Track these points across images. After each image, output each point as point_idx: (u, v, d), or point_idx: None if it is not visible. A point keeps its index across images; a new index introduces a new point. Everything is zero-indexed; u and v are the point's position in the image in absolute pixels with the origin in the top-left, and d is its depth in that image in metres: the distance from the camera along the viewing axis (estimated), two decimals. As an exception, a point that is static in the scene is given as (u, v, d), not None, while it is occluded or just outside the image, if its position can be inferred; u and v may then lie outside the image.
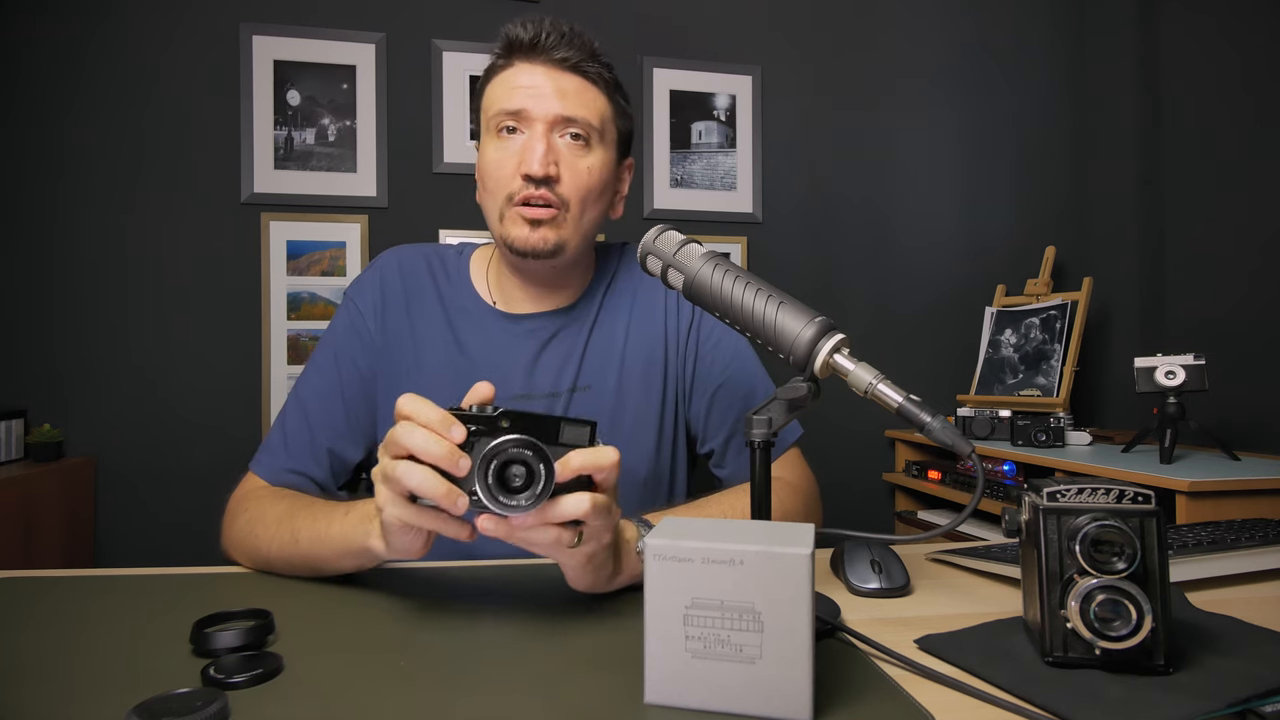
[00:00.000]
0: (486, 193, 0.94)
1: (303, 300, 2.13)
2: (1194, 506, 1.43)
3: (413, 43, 2.20)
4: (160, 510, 2.05)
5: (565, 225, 0.91)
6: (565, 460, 0.58)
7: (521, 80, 0.91)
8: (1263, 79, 1.97)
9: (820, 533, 0.58)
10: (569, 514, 0.58)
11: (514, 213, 0.91)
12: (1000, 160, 2.56)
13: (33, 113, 2.00)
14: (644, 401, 0.99)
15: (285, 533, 0.77)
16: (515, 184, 0.90)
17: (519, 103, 0.90)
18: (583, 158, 0.92)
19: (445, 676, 0.54)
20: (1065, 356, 2.19)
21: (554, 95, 0.90)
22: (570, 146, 0.91)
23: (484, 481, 0.56)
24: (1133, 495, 0.54)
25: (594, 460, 0.59)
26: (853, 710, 0.49)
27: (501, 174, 0.91)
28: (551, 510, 0.58)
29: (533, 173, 0.88)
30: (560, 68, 0.91)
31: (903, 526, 2.37)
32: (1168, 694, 0.50)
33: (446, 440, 0.57)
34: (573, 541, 0.60)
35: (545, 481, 0.56)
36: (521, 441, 0.56)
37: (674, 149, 2.36)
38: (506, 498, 0.56)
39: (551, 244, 0.91)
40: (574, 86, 0.91)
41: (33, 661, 0.56)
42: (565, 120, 0.90)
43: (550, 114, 0.89)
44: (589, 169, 0.92)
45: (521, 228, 0.90)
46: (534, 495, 0.56)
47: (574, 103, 0.91)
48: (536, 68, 0.91)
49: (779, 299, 0.68)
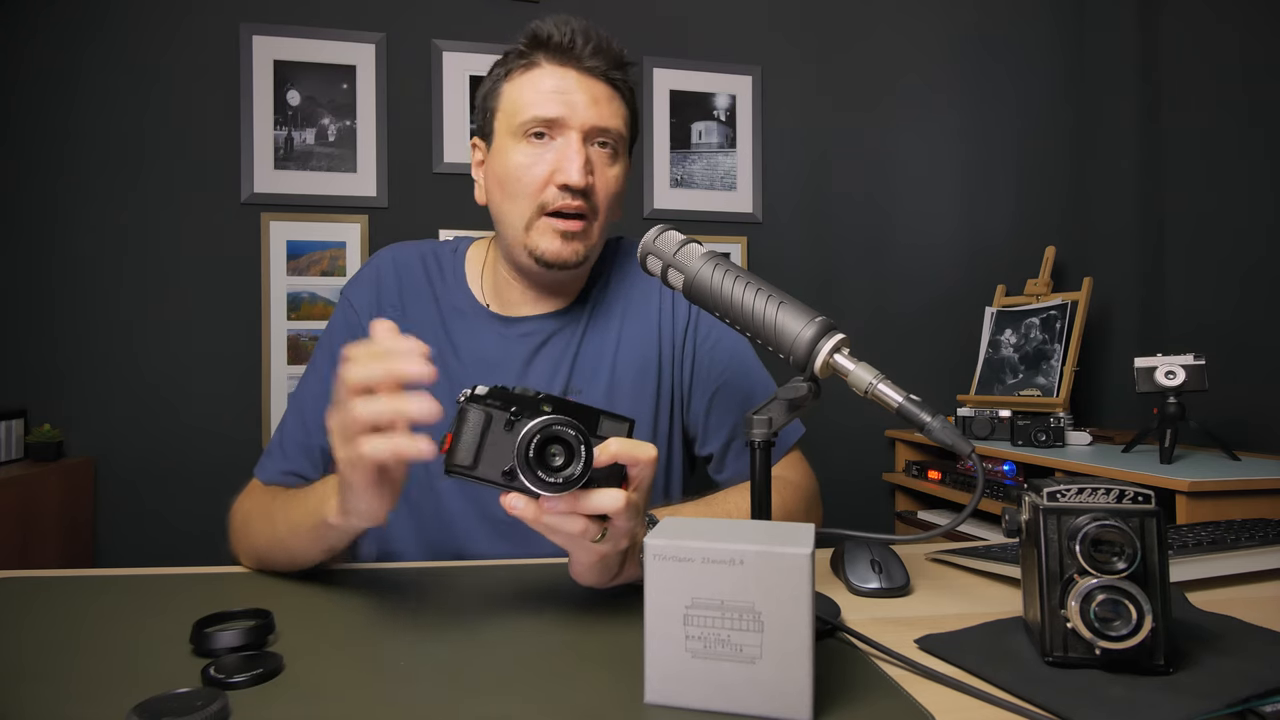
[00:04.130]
0: (509, 198, 0.91)
1: (303, 300, 2.13)
2: (1194, 506, 1.43)
3: (413, 43, 2.20)
4: (160, 510, 2.05)
5: (593, 235, 0.91)
6: (604, 445, 0.58)
7: (551, 84, 0.88)
8: (1262, 79, 1.96)
9: (820, 533, 0.58)
10: (601, 507, 0.58)
11: (545, 223, 0.89)
12: (1000, 160, 2.56)
13: (33, 112, 2.00)
14: (636, 405, 0.98)
15: (268, 525, 0.78)
16: (549, 193, 0.88)
17: (554, 110, 0.87)
18: (612, 167, 0.92)
19: (445, 676, 0.54)
20: (1065, 356, 2.19)
21: (589, 104, 0.88)
22: (600, 155, 0.90)
23: (525, 458, 0.56)
24: (1133, 495, 0.54)
25: (632, 450, 0.59)
26: (853, 710, 0.49)
27: (531, 180, 0.88)
28: (584, 501, 0.58)
29: (574, 183, 0.86)
30: (591, 75, 0.89)
31: (903, 526, 2.36)
32: (1168, 694, 0.50)
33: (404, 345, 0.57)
34: (597, 536, 0.60)
35: (585, 462, 0.56)
36: (566, 421, 0.56)
37: (674, 149, 2.36)
38: (546, 473, 0.56)
39: (581, 255, 0.91)
40: (604, 94, 0.90)
41: (33, 661, 0.56)
42: (600, 130, 0.89)
43: (587, 123, 0.88)
44: (616, 177, 0.92)
45: (553, 240, 0.89)
46: (573, 476, 0.56)
47: (606, 112, 0.90)
48: (569, 72, 0.89)
49: (779, 299, 0.68)
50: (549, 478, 0.56)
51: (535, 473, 0.56)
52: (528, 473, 0.56)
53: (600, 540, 0.60)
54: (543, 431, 0.56)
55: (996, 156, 2.56)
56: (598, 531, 0.60)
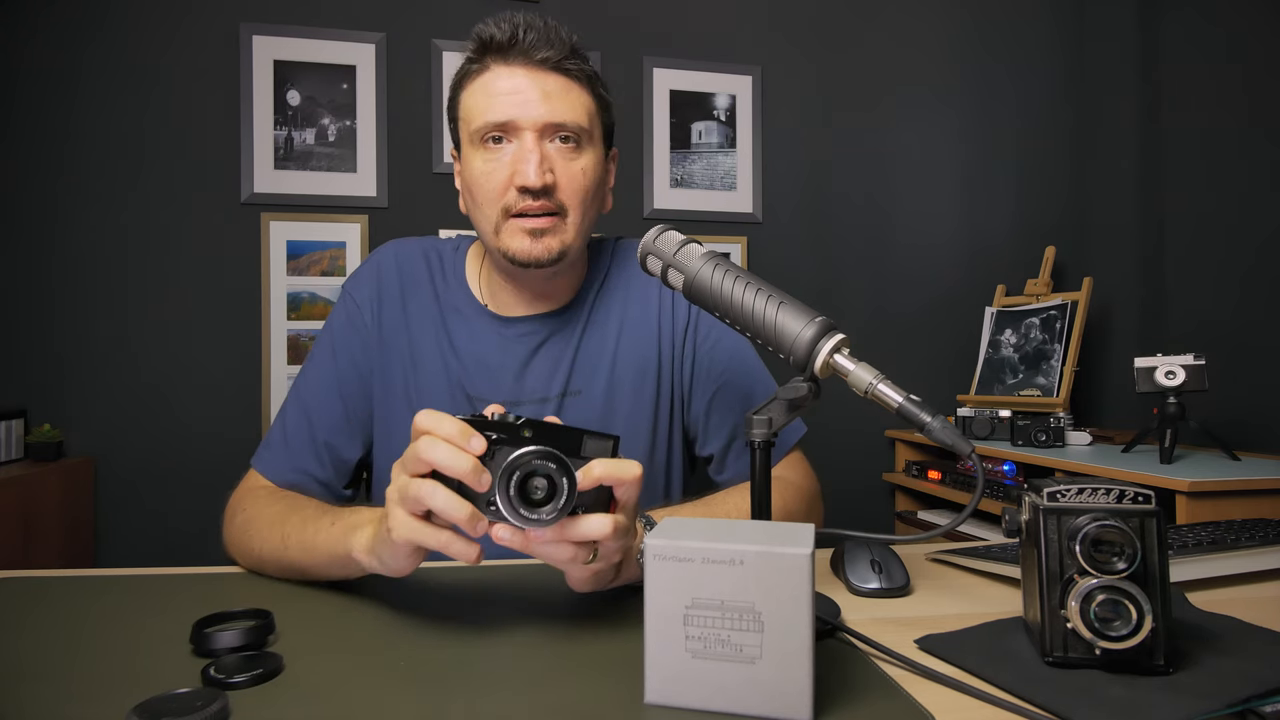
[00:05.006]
0: (477, 206, 0.90)
1: (303, 300, 2.13)
2: (1194, 506, 1.43)
3: (413, 43, 2.20)
4: (160, 510, 2.05)
5: (566, 230, 0.89)
6: (587, 469, 0.57)
7: (501, 85, 0.86)
8: (1262, 79, 1.96)
9: (820, 533, 0.58)
10: (588, 535, 0.57)
11: (512, 225, 0.88)
12: (1000, 160, 2.56)
13: (33, 112, 2.00)
14: (635, 405, 0.98)
15: (276, 537, 0.77)
16: (510, 196, 0.87)
17: (504, 112, 0.86)
18: (575, 160, 0.89)
19: (445, 677, 0.54)
20: (1065, 356, 2.19)
21: (540, 100, 0.86)
22: (561, 150, 0.88)
23: (505, 493, 0.55)
24: (1133, 495, 0.54)
25: (616, 472, 0.58)
26: (853, 710, 0.49)
27: (492, 186, 0.87)
28: (571, 529, 0.57)
29: (530, 184, 0.85)
30: (542, 68, 0.86)
31: (903, 526, 2.36)
32: (1168, 694, 0.50)
33: (469, 454, 0.56)
34: (588, 558, 0.60)
35: (568, 496, 0.55)
36: (545, 453, 0.55)
37: (674, 149, 2.36)
38: (528, 510, 0.55)
39: (555, 252, 0.89)
40: (558, 87, 0.87)
41: (33, 661, 0.56)
42: (555, 126, 0.87)
43: (540, 121, 0.86)
44: (583, 170, 0.89)
45: (522, 240, 0.88)
46: (555, 509, 0.55)
47: (561, 105, 0.87)
48: (516, 70, 0.86)
49: (779, 299, 0.68)
50: (531, 514, 0.55)
51: (518, 510, 0.55)
52: (510, 510, 0.55)
53: (592, 560, 0.60)
54: (522, 467, 0.55)
55: (996, 156, 2.56)
56: (588, 554, 0.59)
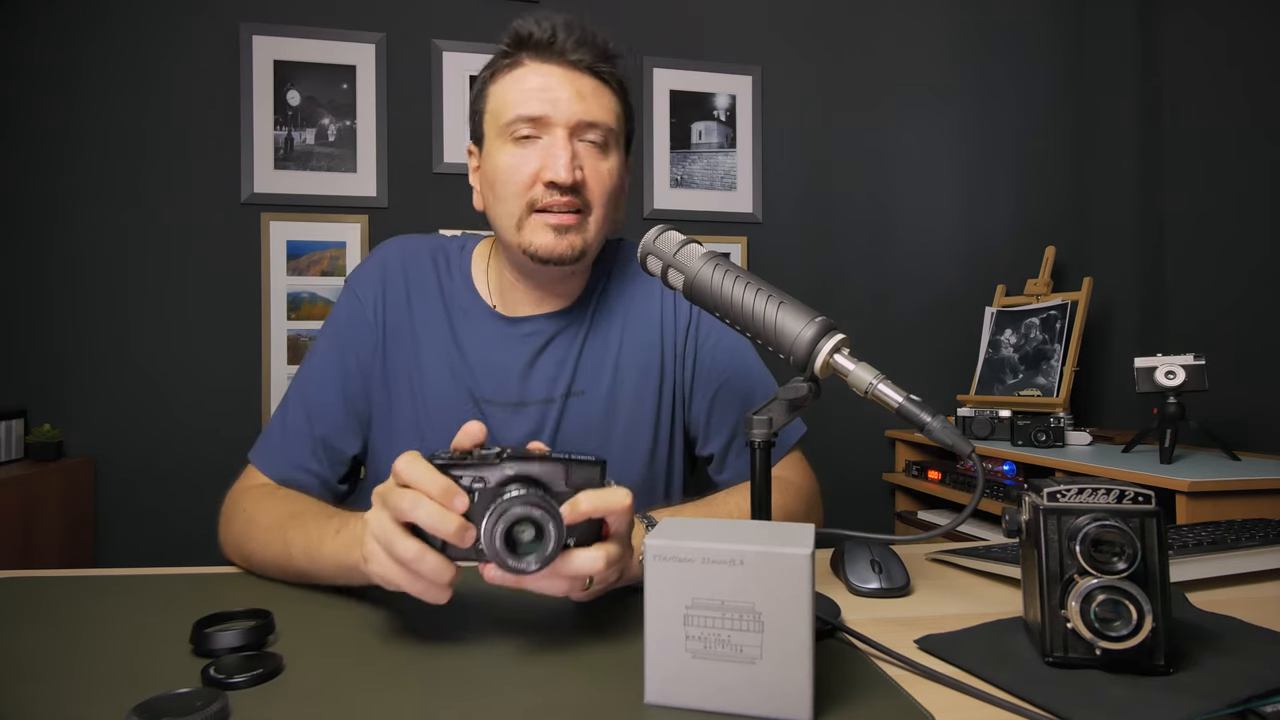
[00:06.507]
0: (498, 199, 0.90)
1: (303, 300, 2.13)
2: (1194, 506, 1.43)
3: (413, 43, 2.20)
4: (160, 510, 2.05)
5: (589, 229, 0.90)
6: (574, 502, 0.56)
7: (535, 82, 0.87)
8: (1262, 79, 1.96)
9: (820, 533, 0.58)
10: (581, 571, 0.57)
11: (536, 220, 0.88)
12: (1000, 160, 2.56)
13: (33, 112, 2.00)
14: (637, 405, 0.98)
15: (278, 541, 0.76)
16: (536, 190, 0.87)
17: (538, 108, 0.86)
18: (603, 160, 0.90)
19: (445, 677, 0.54)
20: (1065, 356, 2.19)
21: (574, 99, 0.87)
22: (589, 150, 0.89)
23: (491, 545, 0.54)
24: (1133, 495, 0.54)
25: (605, 503, 0.57)
26: (853, 710, 0.49)
27: (519, 180, 0.88)
28: (564, 566, 0.56)
29: (561, 180, 0.85)
30: (576, 69, 0.88)
31: (903, 526, 2.36)
32: (1168, 694, 0.50)
33: (453, 516, 0.54)
34: (584, 588, 0.59)
35: (555, 542, 0.54)
36: (528, 499, 0.54)
37: (674, 149, 2.36)
38: (515, 560, 0.54)
39: (578, 249, 0.89)
40: (591, 88, 0.89)
41: (33, 661, 0.56)
42: (587, 125, 0.88)
43: (573, 119, 0.87)
44: (610, 171, 0.91)
45: (546, 235, 0.88)
46: (543, 557, 0.54)
47: (594, 106, 0.88)
48: (552, 68, 0.88)
49: (779, 299, 0.68)
50: (519, 564, 0.54)
51: (505, 561, 0.54)
52: (497, 560, 0.54)
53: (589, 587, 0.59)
54: (505, 517, 0.53)
55: (996, 156, 2.56)
56: (583, 585, 0.59)
